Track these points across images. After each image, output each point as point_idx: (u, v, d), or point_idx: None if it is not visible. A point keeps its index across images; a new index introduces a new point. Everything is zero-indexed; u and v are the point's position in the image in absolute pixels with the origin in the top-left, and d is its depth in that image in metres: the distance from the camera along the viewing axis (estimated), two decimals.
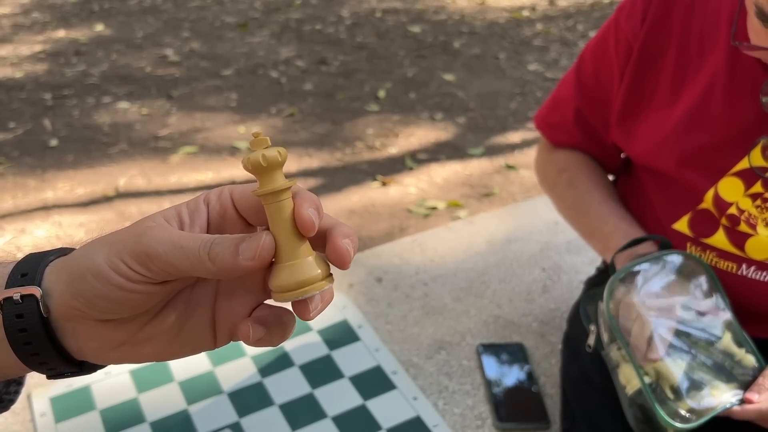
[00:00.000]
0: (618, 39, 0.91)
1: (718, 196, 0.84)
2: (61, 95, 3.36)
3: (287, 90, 3.48)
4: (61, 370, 0.41)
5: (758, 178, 0.81)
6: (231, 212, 0.40)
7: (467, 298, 1.24)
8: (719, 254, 0.86)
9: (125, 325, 0.40)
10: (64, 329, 0.40)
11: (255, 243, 0.36)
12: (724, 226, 0.84)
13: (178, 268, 0.37)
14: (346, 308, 1.18)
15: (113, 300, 0.38)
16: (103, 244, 0.38)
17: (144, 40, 4.13)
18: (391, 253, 1.36)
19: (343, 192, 2.59)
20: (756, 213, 0.82)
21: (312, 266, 0.37)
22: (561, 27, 4.51)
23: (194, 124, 3.12)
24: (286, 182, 0.37)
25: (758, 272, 0.84)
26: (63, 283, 0.39)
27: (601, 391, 0.92)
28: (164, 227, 0.38)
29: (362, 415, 0.97)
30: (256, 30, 4.35)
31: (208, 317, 0.42)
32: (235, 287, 0.41)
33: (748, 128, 0.81)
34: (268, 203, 0.37)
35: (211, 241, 0.37)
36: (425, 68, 3.79)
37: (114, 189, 2.57)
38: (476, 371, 1.08)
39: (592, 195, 0.99)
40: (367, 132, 3.08)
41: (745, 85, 0.81)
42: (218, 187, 0.41)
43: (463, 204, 2.52)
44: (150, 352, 0.42)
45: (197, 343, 0.42)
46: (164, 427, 0.94)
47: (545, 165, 1.10)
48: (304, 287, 0.37)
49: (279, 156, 0.37)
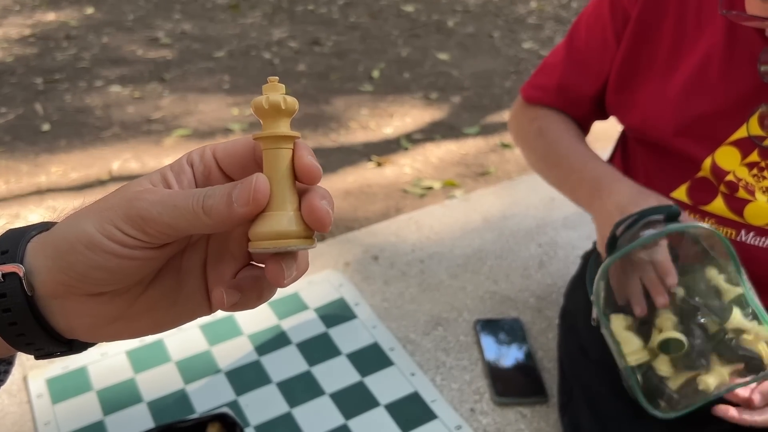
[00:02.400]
0: (614, 3, 0.91)
1: (716, 164, 0.84)
2: (52, 79, 3.33)
3: (280, 71, 3.45)
4: (49, 350, 0.40)
5: (755, 147, 0.81)
6: (216, 172, 0.39)
7: (464, 275, 1.23)
8: (718, 221, 0.86)
9: (119, 298, 0.39)
10: (52, 307, 0.38)
11: (247, 187, 0.34)
12: (723, 193, 0.84)
13: (175, 228, 0.35)
14: (342, 286, 1.17)
15: (108, 269, 0.36)
16: (91, 212, 0.37)
17: (135, 23, 4.09)
18: (388, 231, 1.35)
19: (339, 173, 2.57)
20: (753, 182, 0.82)
21: (296, 221, 0.36)
22: (555, 4, 4.48)
23: (187, 106, 3.10)
24: (290, 132, 0.36)
25: (757, 238, 0.84)
26: (49, 259, 0.37)
27: (598, 364, 0.92)
28: (154, 189, 0.36)
29: (360, 392, 0.97)
30: (248, 11, 4.31)
31: (201, 283, 0.41)
32: (222, 252, 0.40)
33: (746, 97, 0.81)
34: (267, 148, 0.36)
35: (204, 194, 0.35)
36: (419, 48, 3.76)
37: (108, 172, 2.56)
38: (473, 347, 1.08)
39: (560, 142, 0.98)
40: (362, 112, 3.06)
41: (744, 54, 0.80)
42: (200, 147, 0.39)
43: (458, 183, 2.51)
44: (146, 324, 0.40)
45: (193, 310, 0.41)
46: (162, 406, 0.94)
47: (518, 117, 1.09)
48: (286, 239, 0.35)
49: (283, 102, 0.35)
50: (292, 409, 0.94)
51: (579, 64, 0.98)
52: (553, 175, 1.01)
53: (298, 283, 1.17)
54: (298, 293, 1.15)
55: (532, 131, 1.03)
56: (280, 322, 1.09)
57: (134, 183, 0.37)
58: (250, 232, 0.36)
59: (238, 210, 0.34)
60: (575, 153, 0.96)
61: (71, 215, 0.38)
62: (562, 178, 0.99)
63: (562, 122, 1.01)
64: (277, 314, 1.11)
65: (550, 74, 1.02)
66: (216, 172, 0.39)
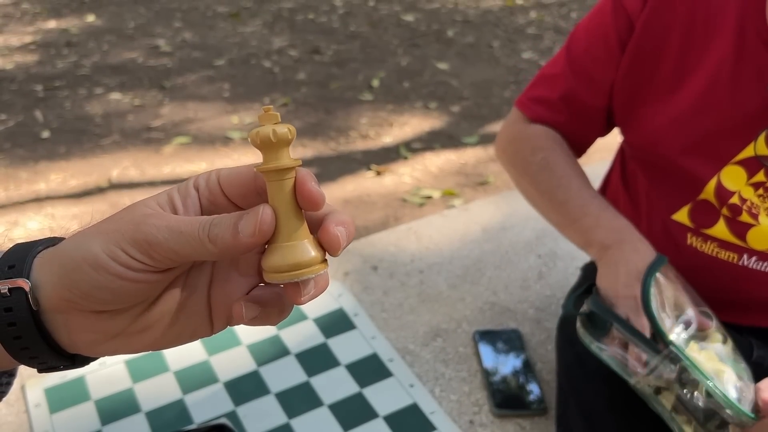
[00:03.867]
0: (616, 12, 0.87)
1: (721, 184, 0.82)
2: (52, 86, 3.33)
3: (280, 80, 3.47)
4: (52, 363, 0.40)
5: (761, 167, 0.80)
6: (220, 198, 0.39)
7: (463, 286, 1.23)
8: (720, 244, 0.85)
9: (120, 316, 0.39)
10: (56, 322, 0.39)
11: (253, 218, 0.35)
12: (725, 217, 0.83)
13: (180, 254, 0.36)
14: (341, 296, 1.17)
15: (112, 290, 0.37)
16: (98, 233, 0.37)
17: (135, 31, 4.10)
18: (387, 241, 1.35)
19: (338, 181, 2.58)
20: (758, 202, 0.81)
21: (307, 249, 0.36)
22: (555, 15, 4.50)
23: (187, 114, 3.11)
24: (293, 161, 0.36)
25: (759, 262, 0.83)
26: (54, 275, 0.37)
27: (594, 376, 0.92)
28: (161, 214, 0.37)
29: (359, 403, 0.97)
30: (248, 19, 4.32)
31: (204, 303, 0.41)
32: (230, 272, 0.41)
33: (754, 116, 0.79)
34: (270, 180, 0.36)
35: (210, 222, 0.36)
36: (419, 57, 3.78)
37: (107, 180, 2.56)
38: (472, 358, 1.08)
39: (570, 180, 0.92)
40: (361, 121, 3.07)
41: (751, 72, 0.79)
42: (206, 172, 0.40)
43: (458, 193, 2.51)
44: (146, 342, 0.41)
45: (194, 331, 0.41)
46: (160, 416, 0.94)
47: (516, 142, 1.01)
48: (298, 270, 0.36)
49: (289, 133, 0.36)
50: (291, 420, 0.94)
51: (581, 75, 0.93)
52: (555, 214, 0.95)
53: None
54: None
55: (536, 162, 0.96)
56: (278, 333, 1.09)
57: (141, 204, 0.38)
58: (264, 263, 0.37)
59: (244, 240, 0.35)
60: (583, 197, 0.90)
61: (78, 233, 0.38)
62: (564, 220, 0.93)
63: (568, 156, 0.95)
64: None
65: (552, 86, 0.97)
66: (221, 197, 0.39)
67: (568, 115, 0.96)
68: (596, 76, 0.92)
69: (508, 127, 1.05)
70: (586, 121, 0.97)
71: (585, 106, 0.95)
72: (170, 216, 0.37)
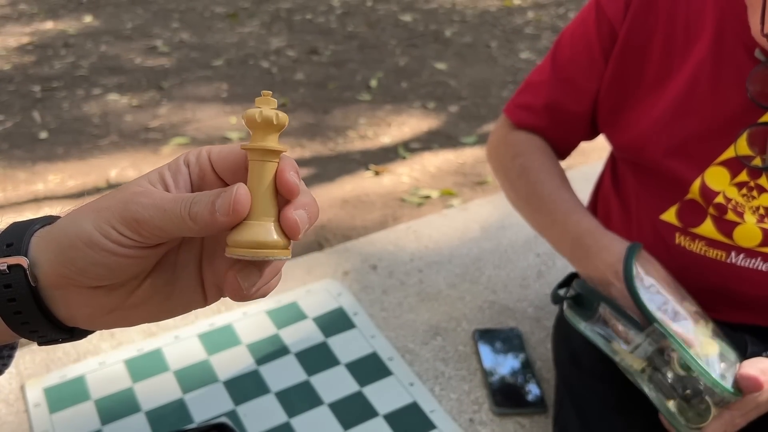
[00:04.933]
0: (600, 21, 0.89)
1: (705, 185, 0.83)
2: (50, 87, 3.33)
3: (278, 80, 3.46)
4: (52, 337, 0.42)
5: (744, 167, 0.81)
6: (210, 174, 0.40)
7: (462, 284, 1.23)
8: (708, 243, 0.86)
9: (116, 291, 0.41)
10: (54, 297, 0.40)
11: (228, 198, 0.36)
12: (712, 215, 0.84)
13: (165, 231, 0.37)
14: (341, 296, 1.17)
15: (106, 266, 0.38)
16: (90, 211, 0.39)
17: (133, 31, 4.10)
18: (386, 240, 1.36)
19: (336, 182, 2.58)
20: (743, 201, 0.82)
21: (272, 231, 0.37)
22: (552, 14, 4.50)
23: (185, 115, 3.10)
24: (279, 145, 0.37)
25: (747, 260, 0.84)
26: (51, 252, 0.39)
27: (589, 374, 0.92)
28: (149, 191, 0.38)
29: (359, 402, 0.97)
30: (246, 20, 4.32)
31: (197, 277, 0.42)
32: (217, 249, 0.42)
33: (734, 117, 0.80)
34: (253, 159, 0.37)
35: (191, 200, 0.37)
36: (417, 57, 3.78)
37: (105, 181, 2.55)
38: (472, 357, 1.08)
39: (543, 187, 0.94)
40: (360, 121, 3.07)
41: (731, 73, 0.80)
42: (196, 148, 0.41)
43: (456, 192, 2.51)
44: (142, 315, 0.42)
45: (188, 303, 0.43)
46: (160, 416, 0.94)
47: (499, 147, 1.03)
48: (258, 248, 0.37)
49: (276, 117, 0.37)
50: (291, 419, 0.94)
51: (565, 82, 0.95)
52: (535, 221, 0.97)
53: (296, 293, 1.17)
54: (297, 303, 1.15)
55: (515, 169, 0.98)
56: (278, 332, 1.09)
57: (133, 183, 0.39)
58: (228, 238, 0.37)
59: (220, 219, 0.36)
60: (558, 201, 0.92)
61: (72, 212, 0.40)
62: (544, 226, 0.95)
63: (546, 160, 0.97)
64: (275, 324, 1.10)
65: (536, 93, 0.99)
66: (210, 174, 0.40)
67: (551, 122, 0.98)
68: (580, 84, 0.94)
69: (494, 132, 1.07)
70: (569, 127, 0.99)
71: (568, 113, 0.97)
72: (157, 194, 0.38)
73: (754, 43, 0.77)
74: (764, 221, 0.81)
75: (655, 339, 0.75)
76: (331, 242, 2.19)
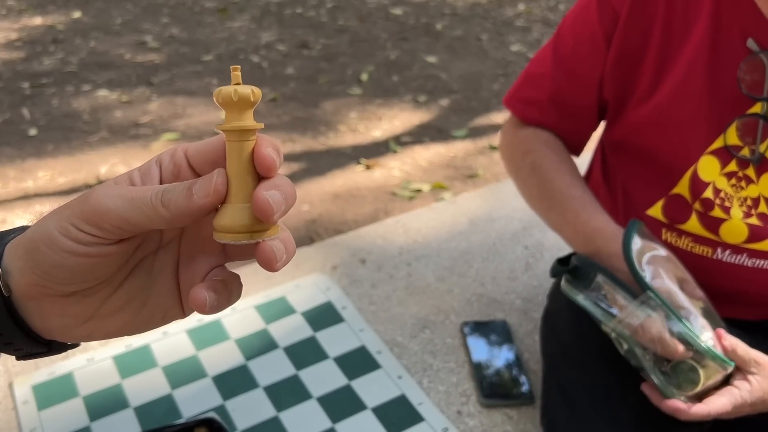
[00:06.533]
0: (601, 6, 0.88)
1: (696, 175, 0.83)
2: (39, 84, 3.31)
3: (269, 75, 3.46)
4: (28, 350, 0.41)
5: (733, 157, 0.81)
6: (185, 170, 0.39)
7: (451, 278, 1.24)
8: (694, 239, 0.86)
9: (89, 298, 0.40)
10: (28, 308, 0.39)
11: (208, 180, 0.35)
12: (697, 212, 0.84)
13: (131, 222, 0.36)
14: (329, 290, 1.18)
15: (68, 267, 0.37)
16: (54, 213, 0.38)
17: (122, 27, 4.08)
18: (375, 234, 1.36)
19: (327, 176, 2.58)
20: (732, 192, 0.82)
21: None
22: (543, 7, 4.50)
23: (175, 110, 3.09)
24: (254, 123, 0.36)
25: (733, 256, 0.84)
26: (20, 260, 0.38)
27: (577, 366, 0.93)
28: (113, 185, 0.37)
29: (347, 395, 0.97)
30: (236, 14, 4.30)
31: (172, 284, 0.41)
32: (196, 251, 0.41)
33: (726, 106, 0.80)
34: (230, 140, 0.36)
35: (163, 188, 0.36)
36: (408, 50, 3.77)
37: (95, 177, 2.55)
38: (460, 349, 1.08)
39: (554, 185, 0.92)
40: (350, 115, 3.07)
41: (725, 59, 0.79)
42: (171, 147, 0.40)
43: (447, 186, 2.52)
44: (118, 325, 0.41)
45: (165, 313, 0.42)
46: (148, 411, 0.94)
47: (510, 146, 1.02)
48: (250, 231, 0.36)
49: (252, 95, 0.36)
50: (279, 414, 0.94)
51: (569, 73, 0.93)
52: (549, 220, 0.96)
53: (285, 287, 1.18)
54: (285, 297, 1.15)
55: (526, 167, 0.96)
56: (267, 327, 1.09)
57: (101, 185, 0.38)
58: (216, 223, 0.36)
59: (198, 201, 0.35)
60: (569, 199, 0.90)
61: (43, 217, 0.39)
62: (557, 225, 0.94)
63: (555, 156, 0.95)
64: (264, 318, 1.11)
65: (539, 86, 0.97)
66: (186, 170, 0.39)
67: (559, 116, 0.96)
68: (584, 74, 0.92)
69: (504, 131, 1.05)
70: (578, 119, 0.97)
71: (575, 104, 0.95)
72: (122, 187, 0.37)
73: (750, 28, 0.77)
74: (751, 215, 0.82)
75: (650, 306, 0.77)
76: (323, 236, 2.19)
